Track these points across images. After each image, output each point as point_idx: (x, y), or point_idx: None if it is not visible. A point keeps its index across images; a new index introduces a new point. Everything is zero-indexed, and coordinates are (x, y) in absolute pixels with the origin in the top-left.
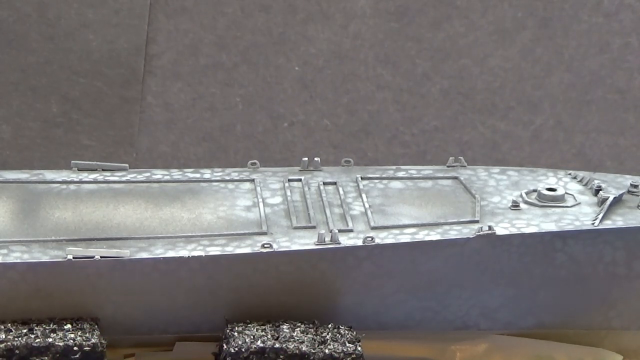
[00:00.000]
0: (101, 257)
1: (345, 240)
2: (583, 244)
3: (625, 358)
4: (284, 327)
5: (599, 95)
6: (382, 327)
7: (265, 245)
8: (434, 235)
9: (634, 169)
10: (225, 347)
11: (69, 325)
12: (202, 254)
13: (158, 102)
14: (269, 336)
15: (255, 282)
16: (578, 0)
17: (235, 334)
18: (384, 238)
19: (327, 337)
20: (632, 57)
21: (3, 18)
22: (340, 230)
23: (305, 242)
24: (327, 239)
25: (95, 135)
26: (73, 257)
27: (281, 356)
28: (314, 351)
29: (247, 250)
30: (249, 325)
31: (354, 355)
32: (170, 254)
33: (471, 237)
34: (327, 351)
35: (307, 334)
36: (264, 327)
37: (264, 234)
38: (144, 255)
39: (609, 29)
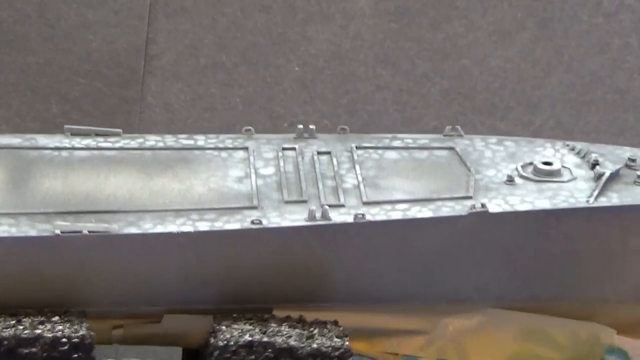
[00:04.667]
0: (89, 231)
1: (336, 217)
2: (577, 221)
3: (619, 332)
4: (271, 321)
5: (599, 95)
6: (375, 301)
7: (255, 221)
8: (426, 211)
9: None
10: (212, 340)
11: (57, 317)
12: (191, 229)
13: (158, 103)
14: (257, 330)
15: (245, 258)
16: (578, 0)
17: (224, 327)
18: (375, 214)
19: (315, 331)
20: (632, 58)
21: (3, 18)
22: (331, 206)
23: (296, 217)
24: (318, 215)
25: None
26: (61, 232)
27: (269, 350)
28: (302, 345)
29: (237, 225)
30: (237, 319)
31: (341, 350)
32: (159, 229)
33: (464, 214)
34: (314, 345)
35: (295, 328)
36: (252, 321)
37: (255, 208)
38: (133, 230)
39: (609, 29)
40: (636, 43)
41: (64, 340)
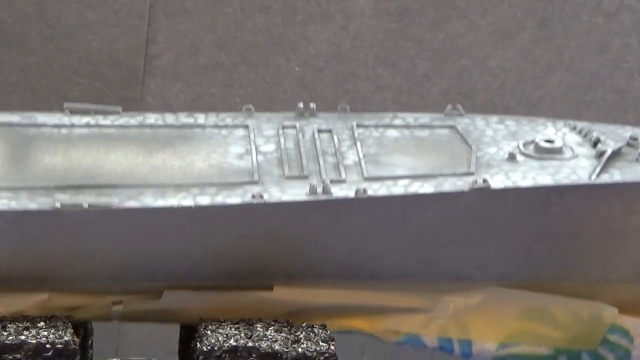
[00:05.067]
0: (89, 205)
1: (338, 192)
2: (579, 198)
3: (621, 311)
4: (258, 325)
5: (599, 95)
6: (375, 277)
7: (256, 196)
8: (427, 187)
9: None
10: (198, 345)
11: (42, 323)
12: (192, 203)
13: (158, 103)
14: (242, 335)
15: (245, 233)
16: (578, 0)
17: (209, 332)
18: (376, 189)
19: (301, 336)
20: (632, 57)
21: (3, 18)
22: (332, 181)
23: (297, 192)
24: (319, 189)
25: None
26: (61, 206)
27: (254, 355)
28: (286, 350)
29: (238, 200)
30: (223, 323)
31: (326, 354)
32: (160, 203)
33: (465, 190)
34: (300, 350)
35: (280, 332)
36: (237, 326)
37: (256, 183)
38: (133, 204)
39: (609, 29)
40: (636, 43)
41: (47, 346)
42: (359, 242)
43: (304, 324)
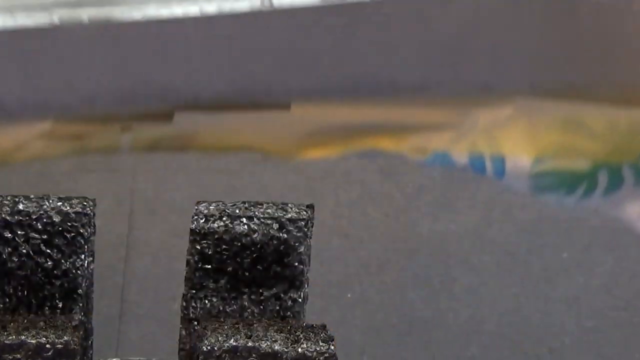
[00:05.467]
0: (89, 19)
1: None
2: None
3: None
4: (258, 325)
5: None
6: (398, 92)
7: (265, 2)
8: None
9: None
10: (198, 345)
11: (42, 323)
12: (197, 12)
13: None
14: (242, 335)
15: (255, 43)
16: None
17: (209, 332)
18: None
19: (301, 336)
20: None
21: None
22: None
23: None
24: None
25: None
26: (60, 21)
27: (254, 355)
28: (286, 350)
29: (246, 7)
30: (223, 323)
31: (326, 354)
32: (164, 13)
33: None
34: (300, 350)
35: (280, 332)
36: (237, 326)
37: None
38: (136, 15)
39: None
40: None
41: (47, 346)
42: (378, 52)
43: (303, 324)
